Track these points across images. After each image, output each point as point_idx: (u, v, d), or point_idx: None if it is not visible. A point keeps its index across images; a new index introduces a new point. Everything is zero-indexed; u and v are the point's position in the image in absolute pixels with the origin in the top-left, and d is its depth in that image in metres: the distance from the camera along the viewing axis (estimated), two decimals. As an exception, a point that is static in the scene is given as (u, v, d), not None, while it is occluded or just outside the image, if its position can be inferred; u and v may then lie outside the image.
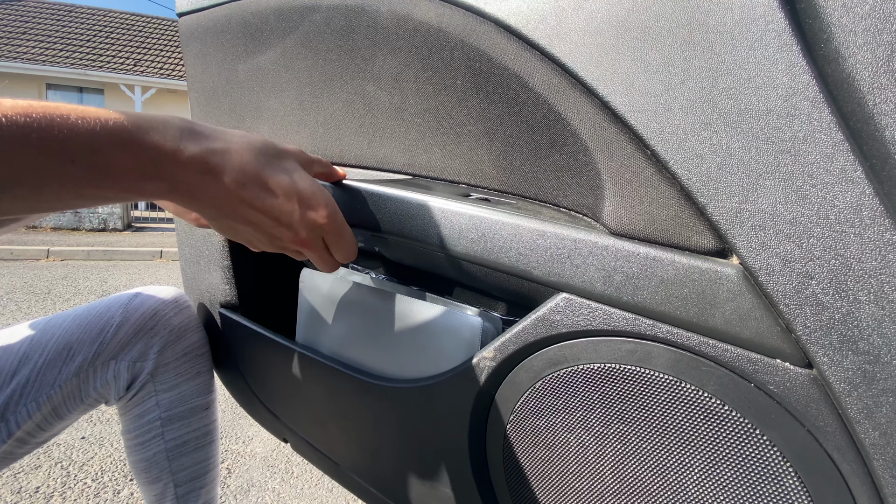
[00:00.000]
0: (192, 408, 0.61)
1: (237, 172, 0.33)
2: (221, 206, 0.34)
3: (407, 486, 0.51)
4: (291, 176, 0.36)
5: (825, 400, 0.27)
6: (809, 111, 0.27)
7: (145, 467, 0.61)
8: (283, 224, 0.36)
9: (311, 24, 0.53)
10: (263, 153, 0.35)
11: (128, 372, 0.56)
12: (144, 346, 0.56)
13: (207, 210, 0.34)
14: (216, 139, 0.33)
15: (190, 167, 0.31)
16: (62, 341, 0.52)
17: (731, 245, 0.29)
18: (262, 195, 0.34)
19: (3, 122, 0.24)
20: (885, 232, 0.25)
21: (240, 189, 0.33)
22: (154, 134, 0.30)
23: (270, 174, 0.34)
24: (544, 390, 0.38)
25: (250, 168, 0.34)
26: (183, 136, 0.31)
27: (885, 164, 0.26)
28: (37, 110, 0.25)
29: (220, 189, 0.33)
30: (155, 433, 0.60)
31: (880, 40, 0.26)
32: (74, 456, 1.40)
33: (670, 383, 0.32)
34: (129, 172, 0.29)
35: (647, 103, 0.32)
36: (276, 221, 0.35)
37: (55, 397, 0.51)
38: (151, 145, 0.29)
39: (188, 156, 0.31)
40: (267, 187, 0.34)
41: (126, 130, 0.28)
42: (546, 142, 0.40)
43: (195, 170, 0.31)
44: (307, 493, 1.31)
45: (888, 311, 0.25)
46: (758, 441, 0.30)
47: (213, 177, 0.32)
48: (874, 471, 0.27)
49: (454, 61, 0.43)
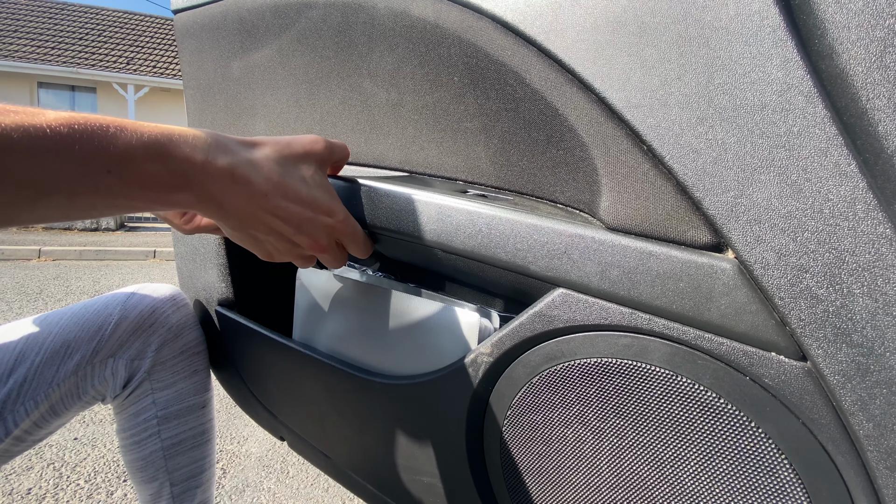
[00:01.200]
0: (188, 406, 0.61)
1: (263, 183, 0.34)
2: (247, 217, 0.35)
3: (404, 483, 0.51)
4: (309, 183, 0.37)
5: (820, 392, 0.28)
6: (804, 106, 0.27)
7: (141, 466, 0.61)
8: (305, 232, 0.37)
9: (308, 20, 0.53)
10: (285, 161, 0.36)
11: (125, 370, 0.55)
12: (142, 344, 0.56)
13: (232, 221, 0.35)
14: (243, 150, 0.34)
15: (219, 178, 0.32)
16: (60, 339, 0.52)
17: (726, 239, 0.29)
18: (285, 204, 0.35)
19: (48, 133, 0.25)
20: (879, 225, 0.25)
21: (265, 199, 0.34)
22: (185, 146, 0.31)
23: (291, 183, 0.36)
24: (541, 385, 0.38)
25: (275, 178, 0.35)
26: (211, 148, 0.32)
27: (878, 158, 0.27)
28: (78, 121, 0.27)
29: (247, 199, 0.34)
30: (151, 432, 0.59)
31: (873, 36, 0.27)
32: (67, 457, 1.39)
33: (666, 377, 0.32)
34: (161, 183, 0.30)
35: (644, 99, 0.32)
36: (297, 230, 0.36)
37: (53, 395, 0.51)
38: (182, 157, 0.30)
39: (217, 167, 0.32)
40: (289, 196, 0.35)
41: (159, 143, 0.29)
42: (543, 138, 0.40)
43: (224, 181, 0.32)
44: (303, 493, 1.30)
45: (881, 303, 0.26)
46: (753, 434, 0.30)
47: (241, 187, 0.33)
48: (868, 462, 0.27)
49: (451, 58, 0.43)
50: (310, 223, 0.37)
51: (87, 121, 0.27)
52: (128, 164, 0.28)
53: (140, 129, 0.29)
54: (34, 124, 0.25)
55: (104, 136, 0.27)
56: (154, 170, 0.29)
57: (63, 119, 0.26)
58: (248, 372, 0.64)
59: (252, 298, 0.66)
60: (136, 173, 0.29)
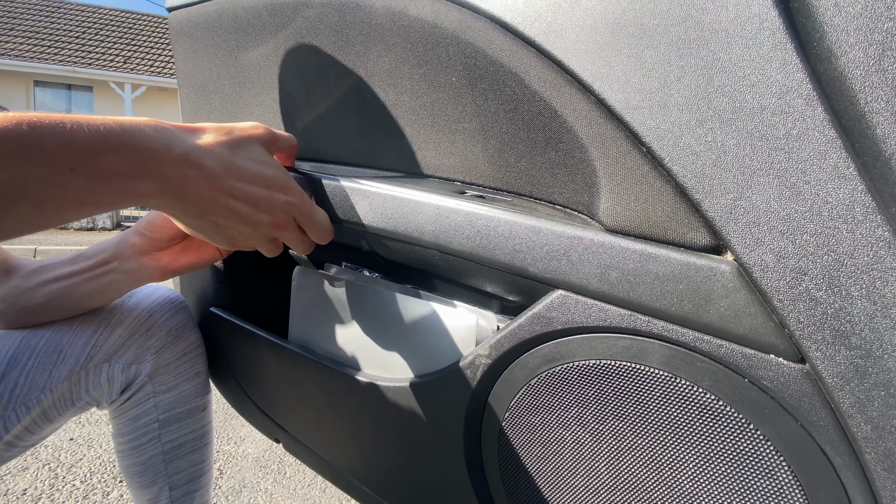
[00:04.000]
0: (190, 409, 0.60)
1: (216, 165, 0.35)
2: (205, 202, 0.35)
3: (401, 486, 0.50)
4: (258, 162, 0.38)
5: (818, 394, 0.28)
6: (803, 109, 0.27)
7: (139, 471, 0.60)
8: (262, 210, 0.37)
9: (304, 19, 0.53)
10: (231, 143, 0.37)
11: (122, 374, 0.54)
12: (140, 349, 0.55)
13: (191, 209, 0.35)
14: (191, 136, 0.35)
15: (176, 164, 0.33)
16: (52, 343, 0.51)
17: (725, 241, 0.29)
18: (239, 185, 0.36)
19: (9, 134, 0.24)
20: (877, 228, 0.25)
21: (220, 181, 0.35)
22: (140, 136, 0.31)
23: (241, 163, 0.36)
24: (540, 387, 0.38)
25: (225, 159, 0.35)
26: (163, 136, 0.32)
27: (877, 160, 0.27)
28: (32, 120, 0.26)
29: (203, 182, 0.34)
30: (151, 436, 0.58)
31: (871, 39, 0.26)
32: (63, 458, 1.38)
33: (665, 379, 0.32)
34: (123, 175, 0.30)
35: (643, 100, 0.32)
36: (255, 208, 0.37)
37: (45, 401, 0.50)
38: (141, 147, 0.31)
39: (174, 154, 0.32)
40: (241, 176, 0.36)
41: (116, 135, 0.29)
42: (541, 139, 0.40)
43: (180, 167, 0.33)
44: (300, 494, 1.30)
45: (880, 306, 0.25)
46: (752, 436, 0.30)
47: (196, 171, 0.34)
48: (866, 464, 0.27)
49: (449, 58, 0.43)
50: (267, 201, 0.37)
51: (40, 119, 0.26)
52: (90, 160, 0.28)
53: (93, 122, 0.29)
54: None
55: (63, 133, 0.27)
56: (115, 163, 0.29)
57: (17, 119, 0.25)
58: (244, 374, 0.64)
59: (248, 300, 0.66)
60: (99, 168, 0.28)
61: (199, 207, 0.35)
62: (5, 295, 0.49)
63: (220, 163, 0.35)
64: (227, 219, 0.37)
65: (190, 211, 0.35)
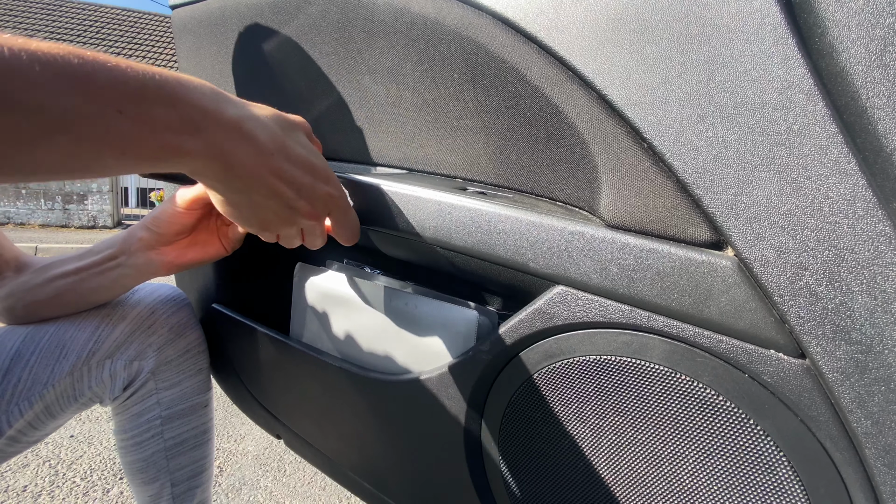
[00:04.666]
0: (192, 405, 0.60)
1: (269, 141, 0.33)
2: (252, 176, 0.33)
3: (401, 481, 0.51)
4: (305, 149, 0.36)
5: (818, 390, 0.28)
6: (804, 104, 0.27)
7: (142, 467, 0.60)
8: (304, 197, 0.36)
9: (307, 17, 0.53)
10: (284, 123, 0.35)
11: (125, 371, 0.55)
12: (141, 345, 0.55)
13: (236, 181, 0.33)
14: (246, 106, 0.33)
15: (228, 128, 0.31)
16: (55, 338, 0.51)
17: (726, 237, 0.29)
18: (288, 166, 0.34)
19: (59, 61, 0.23)
20: (878, 223, 0.25)
21: (270, 158, 0.33)
22: (196, 93, 0.29)
23: (293, 146, 0.35)
24: (540, 383, 0.38)
25: (279, 138, 0.34)
26: (219, 98, 0.31)
27: (878, 156, 0.27)
28: (85, 55, 0.24)
29: (254, 156, 0.32)
30: (154, 432, 0.58)
31: (873, 35, 0.27)
32: (63, 454, 1.38)
33: (666, 374, 0.32)
34: (171, 128, 0.28)
35: (644, 96, 0.32)
36: (297, 194, 0.35)
37: (47, 396, 0.50)
38: (194, 102, 0.29)
39: (227, 117, 0.31)
40: (291, 158, 0.34)
41: (171, 85, 0.28)
42: (543, 135, 0.40)
43: (232, 132, 0.31)
44: (300, 491, 1.30)
45: (880, 301, 0.26)
46: (752, 431, 0.30)
47: (248, 142, 0.32)
48: (866, 459, 0.27)
49: (451, 54, 0.43)
50: (310, 189, 0.36)
51: (95, 56, 0.25)
52: (140, 104, 0.26)
53: (152, 70, 0.27)
54: (43, 50, 0.23)
55: (116, 72, 0.25)
56: (165, 113, 0.27)
57: (68, 50, 0.24)
58: (245, 370, 0.64)
59: (249, 297, 0.66)
60: (147, 115, 0.27)
61: (244, 181, 0.33)
62: (14, 290, 0.49)
63: (273, 139, 0.33)
64: (269, 199, 0.35)
65: (233, 184, 0.33)
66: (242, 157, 0.32)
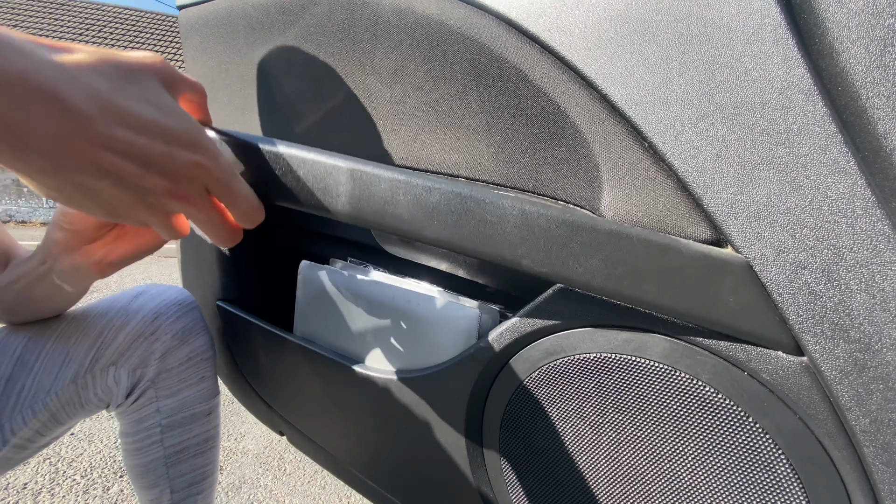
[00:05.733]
0: (193, 414, 0.59)
1: (84, 98, 0.24)
2: (63, 153, 0.24)
3: (403, 478, 0.51)
4: (153, 105, 0.27)
5: (817, 388, 0.28)
6: (804, 104, 0.27)
7: (141, 472, 0.59)
8: (156, 171, 0.27)
9: (313, 17, 0.53)
10: (114, 72, 0.26)
11: (128, 378, 0.53)
12: (145, 352, 0.54)
13: (39, 160, 0.24)
14: (46, 52, 0.23)
15: (16, 89, 0.22)
16: (59, 345, 0.50)
17: (725, 235, 0.30)
18: (120, 131, 0.25)
19: None
20: (877, 222, 0.26)
21: (88, 124, 0.24)
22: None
23: (126, 103, 0.25)
24: (541, 380, 0.38)
25: (101, 93, 0.25)
26: (2, 47, 0.22)
27: (877, 156, 0.27)
28: None
29: (64, 123, 0.23)
30: (154, 440, 0.57)
31: (873, 36, 0.27)
32: (63, 452, 1.39)
33: (665, 372, 0.32)
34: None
35: (646, 96, 0.32)
36: (144, 168, 0.26)
37: (52, 404, 0.49)
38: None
39: (13, 74, 0.21)
40: (124, 120, 0.25)
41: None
42: (545, 135, 0.40)
43: (26, 94, 0.22)
44: (300, 490, 1.30)
45: (879, 300, 0.26)
46: (751, 428, 0.30)
47: (48, 106, 0.23)
48: (864, 457, 0.27)
49: (454, 55, 0.44)
50: (163, 159, 0.27)
51: None
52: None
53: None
54: None
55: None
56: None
57: None
58: (249, 367, 0.64)
59: (253, 294, 0.66)
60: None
61: (53, 160, 0.24)
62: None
63: (92, 97, 0.24)
64: (100, 179, 0.26)
65: (37, 164, 0.24)
66: (42, 129, 0.23)
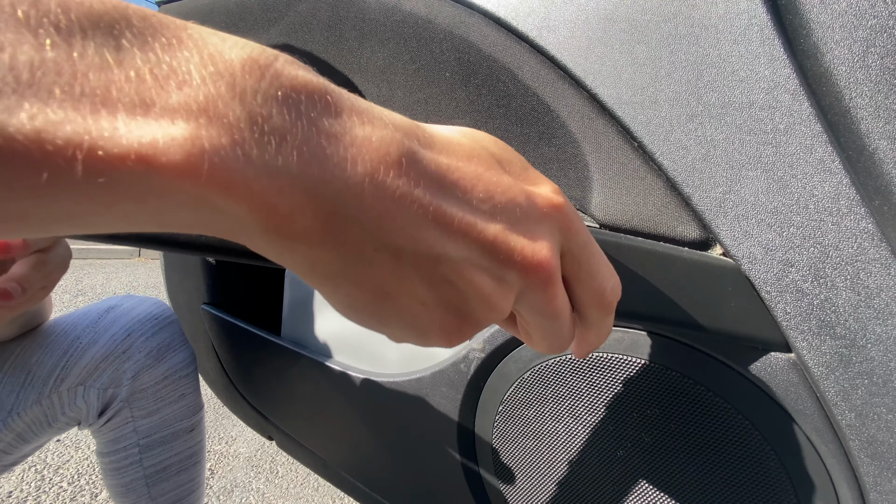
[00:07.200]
0: (174, 432, 0.57)
1: (433, 167, 0.16)
2: (371, 236, 0.15)
3: (395, 481, 0.51)
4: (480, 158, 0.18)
5: (804, 383, 0.28)
6: (790, 104, 0.27)
7: (122, 492, 0.57)
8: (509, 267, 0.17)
9: (297, 14, 0.52)
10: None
11: (98, 399, 0.51)
12: (116, 372, 0.51)
13: (336, 250, 0.14)
14: (349, 96, 0.15)
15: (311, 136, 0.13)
16: (20, 363, 0.47)
17: (714, 235, 0.30)
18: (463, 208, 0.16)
19: None
20: (861, 220, 0.26)
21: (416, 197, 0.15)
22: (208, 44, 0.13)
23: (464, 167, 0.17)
24: (533, 380, 0.38)
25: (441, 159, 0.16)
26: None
27: (861, 155, 0.27)
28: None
29: (403, 205, 0.14)
30: (132, 460, 0.55)
31: (856, 37, 0.27)
32: (49, 459, 1.36)
33: (656, 371, 0.33)
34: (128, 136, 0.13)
35: (635, 96, 0.32)
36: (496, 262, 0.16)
37: (16, 424, 0.46)
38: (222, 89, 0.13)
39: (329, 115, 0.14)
40: (468, 187, 0.16)
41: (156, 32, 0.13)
42: (535, 134, 0.40)
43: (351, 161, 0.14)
44: (292, 493, 1.30)
45: (864, 296, 0.26)
46: (741, 425, 0.30)
47: (397, 179, 0.14)
48: (850, 451, 0.28)
49: (442, 53, 0.43)
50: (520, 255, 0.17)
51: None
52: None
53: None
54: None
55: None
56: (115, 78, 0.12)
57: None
58: (236, 371, 0.63)
59: (239, 297, 0.65)
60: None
61: (351, 248, 0.14)
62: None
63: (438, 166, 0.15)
64: (424, 278, 0.16)
65: (329, 254, 0.14)
66: (374, 219, 0.14)
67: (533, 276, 0.17)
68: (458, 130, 0.18)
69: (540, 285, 0.17)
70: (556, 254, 0.17)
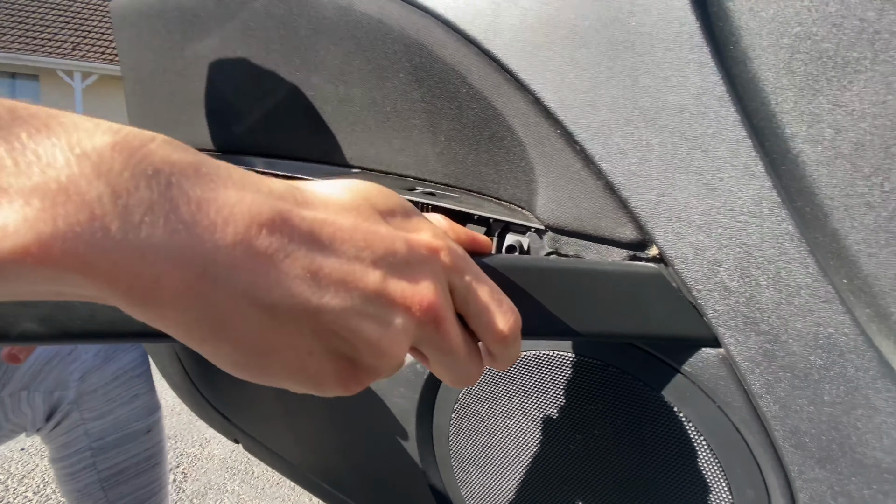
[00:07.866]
0: (128, 434, 0.55)
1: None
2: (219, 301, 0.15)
3: (358, 480, 0.51)
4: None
5: (732, 377, 0.30)
6: (717, 109, 0.28)
7: (78, 498, 0.55)
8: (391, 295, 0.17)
9: (251, 10, 0.51)
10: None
11: (44, 403, 0.49)
12: (61, 374, 0.50)
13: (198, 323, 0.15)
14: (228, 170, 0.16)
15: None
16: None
17: (650, 236, 0.31)
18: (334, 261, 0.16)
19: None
20: (782, 222, 0.27)
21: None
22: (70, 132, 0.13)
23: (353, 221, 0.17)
24: (486, 379, 0.39)
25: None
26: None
27: (785, 157, 0.28)
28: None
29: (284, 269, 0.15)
30: (85, 464, 0.54)
31: (782, 43, 0.28)
32: (13, 469, 1.32)
33: (597, 367, 0.34)
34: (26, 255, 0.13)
35: (576, 100, 0.33)
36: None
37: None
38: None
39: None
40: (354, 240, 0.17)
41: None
42: (486, 136, 0.40)
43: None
44: (268, 493, 1.29)
45: (785, 294, 0.27)
46: (676, 418, 0.32)
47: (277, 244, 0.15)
48: (776, 440, 0.29)
49: (396, 54, 0.43)
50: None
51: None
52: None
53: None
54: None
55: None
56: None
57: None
58: (199, 375, 0.62)
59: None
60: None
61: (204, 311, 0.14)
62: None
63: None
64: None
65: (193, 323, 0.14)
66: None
67: (421, 315, 0.17)
68: (342, 184, 0.19)
69: (430, 324, 0.18)
70: (441, 293, 0.18)
